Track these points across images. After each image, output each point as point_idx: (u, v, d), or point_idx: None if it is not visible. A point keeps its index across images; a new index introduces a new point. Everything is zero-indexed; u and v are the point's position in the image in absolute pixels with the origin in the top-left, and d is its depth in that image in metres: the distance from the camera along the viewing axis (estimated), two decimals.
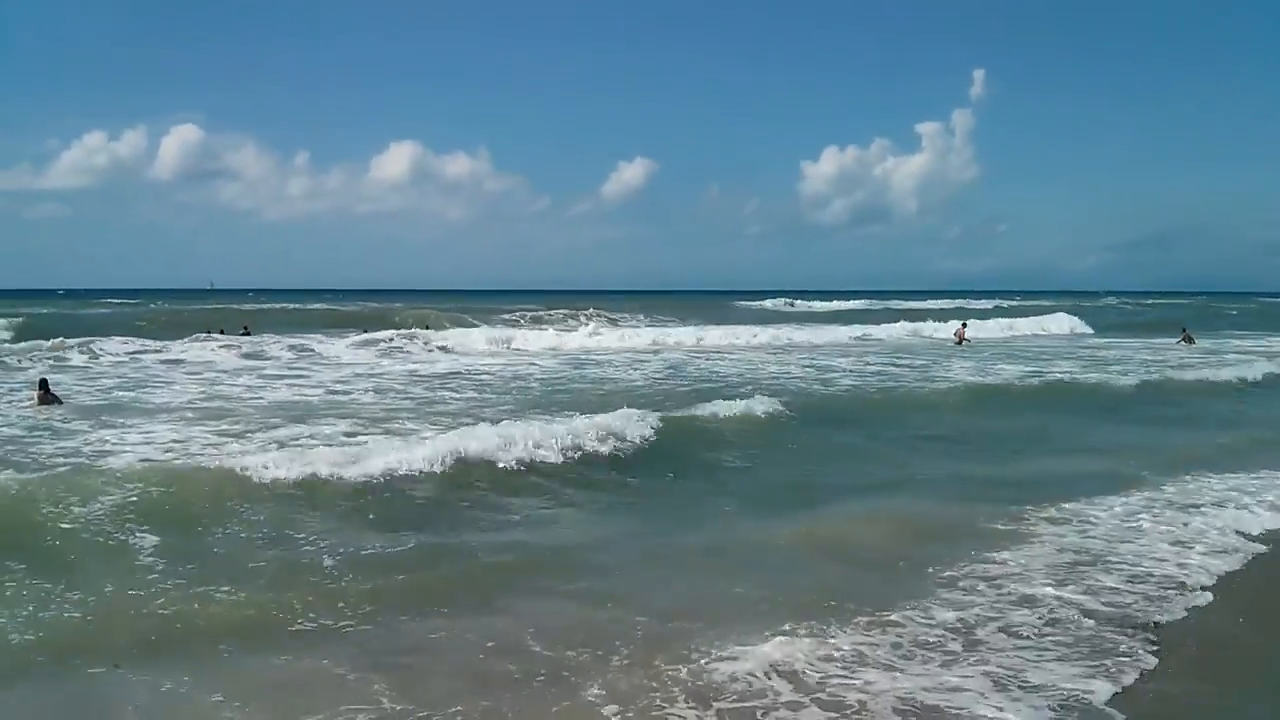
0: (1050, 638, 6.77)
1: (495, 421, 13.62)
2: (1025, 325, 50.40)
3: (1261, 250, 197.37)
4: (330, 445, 12.23)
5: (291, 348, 30.11)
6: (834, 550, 9.11)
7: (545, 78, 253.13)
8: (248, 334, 34.02)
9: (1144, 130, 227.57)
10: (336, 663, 6.22)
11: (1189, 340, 38.20)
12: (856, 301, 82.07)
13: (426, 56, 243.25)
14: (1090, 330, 49.63)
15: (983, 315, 55.26)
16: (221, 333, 33.87)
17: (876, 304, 78.72)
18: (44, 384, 16.84)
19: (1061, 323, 51.90)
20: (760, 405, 15.92)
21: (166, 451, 12.59)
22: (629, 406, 14.66)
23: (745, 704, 5.64)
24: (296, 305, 60.84)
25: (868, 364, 28.19)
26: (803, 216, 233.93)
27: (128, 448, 12.76)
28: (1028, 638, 6.75)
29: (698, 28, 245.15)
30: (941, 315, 51.62)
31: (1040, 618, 7.14)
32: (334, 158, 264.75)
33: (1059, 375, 24.14)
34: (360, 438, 13.54)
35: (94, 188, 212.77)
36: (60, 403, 16.61)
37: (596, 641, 6.55)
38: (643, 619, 7.03)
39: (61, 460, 11.74)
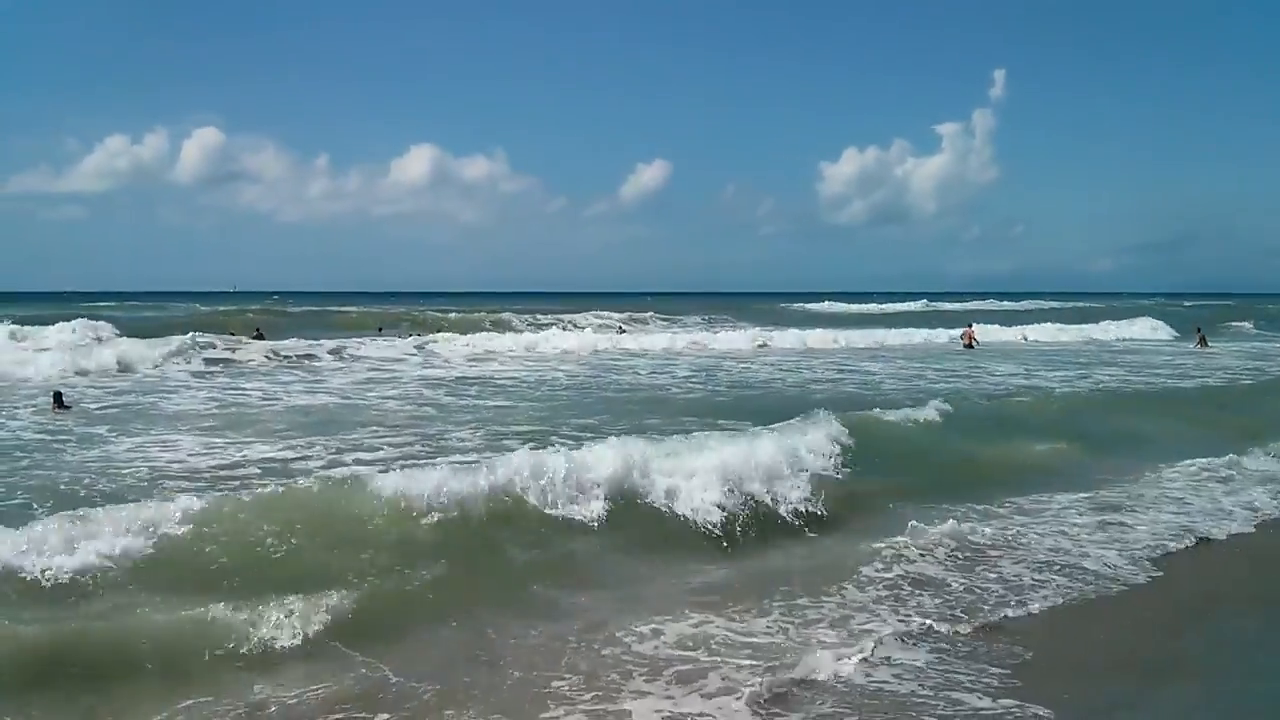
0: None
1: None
2: (1109, 330, 47.87)
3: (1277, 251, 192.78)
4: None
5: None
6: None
7: (562, 79, 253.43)
8: (261, 337, 33.35)
9: (1165, 131, 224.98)
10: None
11: (1203, 343, 37.41)
12: (911, 304, 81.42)
13: (443, 60, 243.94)
14: (1175, 334, 47.03)
15: (1037, 319, 52.74)
16: (233, 335, 33.17)
17: (933, 306, 78.46)
18: (58, 395, 17.11)
19: (1145, 327, 49.29)
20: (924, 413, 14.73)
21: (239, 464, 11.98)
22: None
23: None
24: (336, 308, 60.10)
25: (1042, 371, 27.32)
26: (820, 217, 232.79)
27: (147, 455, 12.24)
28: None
29: (716, 29, 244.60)
30: (998, 319, 51.59)
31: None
32: (353, 160, 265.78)
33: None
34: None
35: (115, 190, 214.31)
36: (70, 409, 16.70)
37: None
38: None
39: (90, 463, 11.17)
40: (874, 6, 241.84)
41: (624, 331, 44.61)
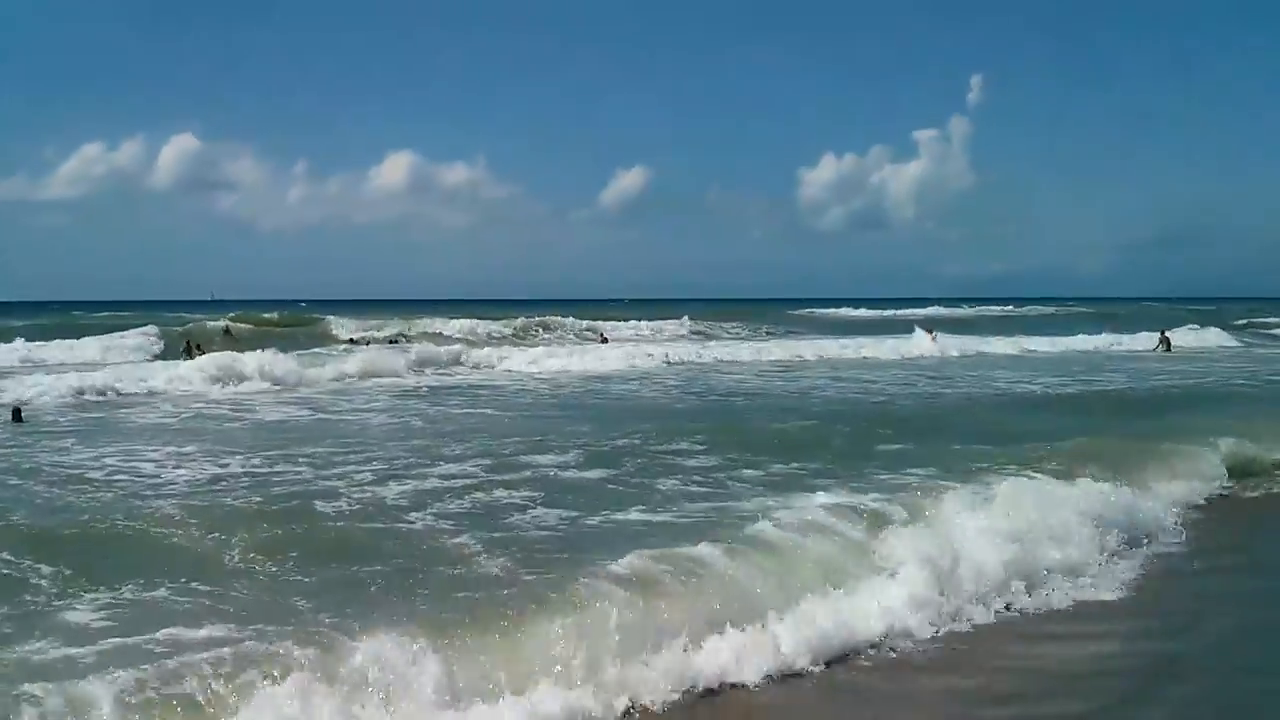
0: None
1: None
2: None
3: (1272, 252, 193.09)
4: None
5: None
6: None
7: (541, 85, 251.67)
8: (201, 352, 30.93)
9: (1144, 134, 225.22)
10: None
11: (1167, 345, 37.76)
12: (934, 309, 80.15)
13: (419, 66, 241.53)
14: (1238, 342, 43.16)
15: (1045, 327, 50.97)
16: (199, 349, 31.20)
17: (968, 312, 77.29)
18: (16, 411, 16.51)
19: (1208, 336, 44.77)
20: None
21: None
22: None
23: None
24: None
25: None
26: (802, 223, 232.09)
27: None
28: None
29: (694, 35, 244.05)
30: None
31: None
32: (332, 167, 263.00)
33: None
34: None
35: (92, 198, 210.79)
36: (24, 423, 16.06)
37: None
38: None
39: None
40: (851, 14, 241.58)
41: (606, 341, 42.38)
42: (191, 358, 26.92)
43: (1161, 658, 6.75)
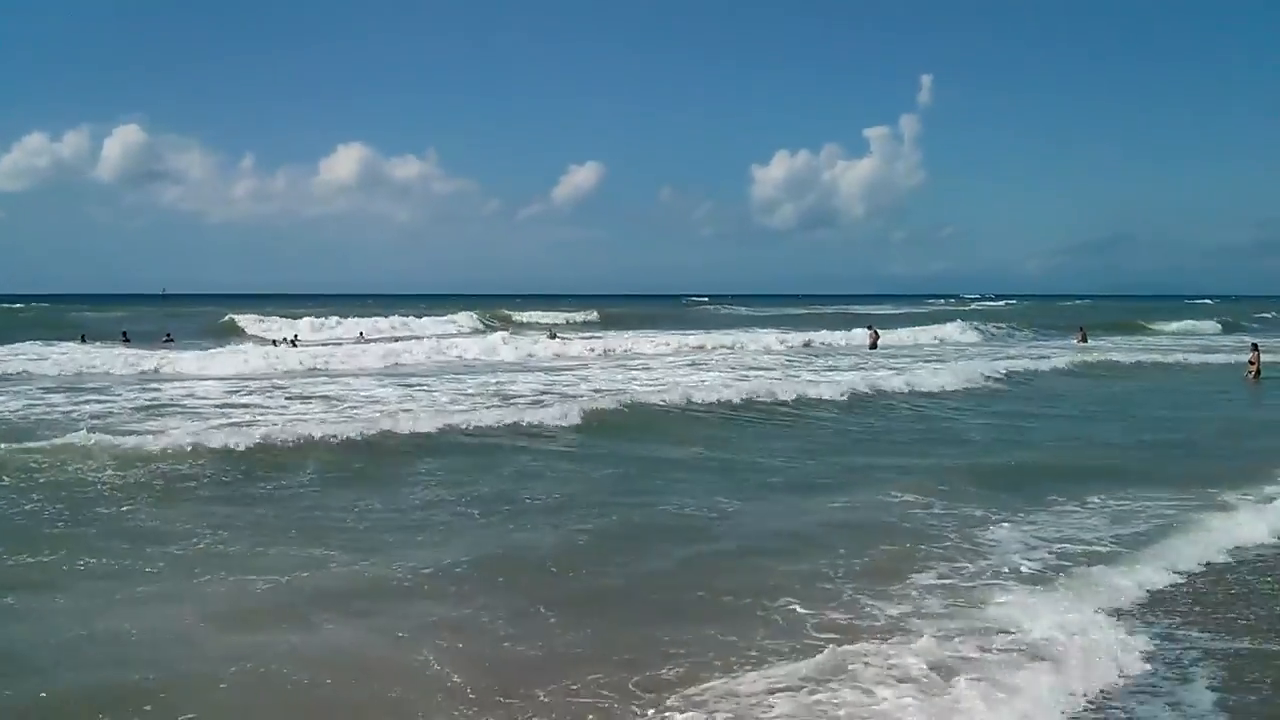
0: None
1: None
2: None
3: (1213, 253, 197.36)
4: None
5: None
6: None
7: (493, 80, 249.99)
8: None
9: (1094, 135, 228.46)
10: None
11: (1084, 340, 40.20)
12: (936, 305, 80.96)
13: (371, 59, 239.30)
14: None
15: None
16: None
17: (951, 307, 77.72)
18: None
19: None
20: None
21: None
22: None
23: None
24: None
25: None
26: (753, 220, 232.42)
27: None
28: None
29: (648, 32, 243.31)
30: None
31: None
32: (281, 160, 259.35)
33: None
34: None
35: (36, 190, 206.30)
36: None
37: None
38: None
39: None
40: (806, 13, 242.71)
41: (555, 337, 40.63)
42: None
43: None
